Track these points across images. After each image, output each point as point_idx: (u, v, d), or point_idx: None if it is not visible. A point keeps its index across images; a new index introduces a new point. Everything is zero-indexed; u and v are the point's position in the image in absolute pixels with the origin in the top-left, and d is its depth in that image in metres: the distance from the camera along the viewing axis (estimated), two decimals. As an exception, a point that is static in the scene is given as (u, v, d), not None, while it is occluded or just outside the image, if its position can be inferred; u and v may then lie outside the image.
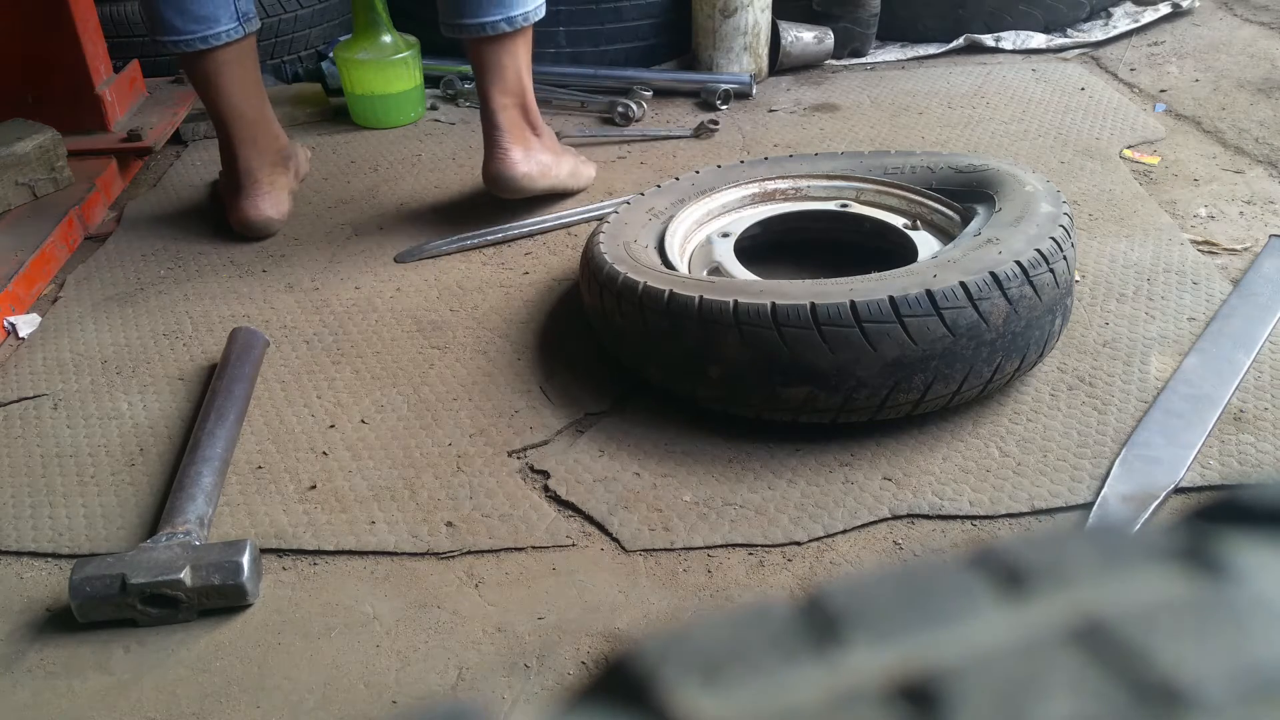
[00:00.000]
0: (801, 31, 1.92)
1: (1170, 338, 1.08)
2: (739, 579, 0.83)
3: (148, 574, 0.79)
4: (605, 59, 1.90)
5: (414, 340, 1.16)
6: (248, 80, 1.37)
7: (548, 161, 1.41)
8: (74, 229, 1.44)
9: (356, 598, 0.83)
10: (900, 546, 0.85)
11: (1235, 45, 1.93)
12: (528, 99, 1.38)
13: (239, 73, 1.34)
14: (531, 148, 1.39)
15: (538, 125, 1.42)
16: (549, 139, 1.45)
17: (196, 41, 1.30)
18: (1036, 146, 1.56)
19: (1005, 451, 0.94)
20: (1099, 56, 1.94)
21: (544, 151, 1.41)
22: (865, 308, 0.87)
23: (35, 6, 1.53)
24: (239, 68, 1.34)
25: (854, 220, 1.19)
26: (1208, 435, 0.93)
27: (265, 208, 1.40)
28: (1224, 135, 1.56)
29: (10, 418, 1.08)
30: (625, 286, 0.98)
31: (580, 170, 1.49)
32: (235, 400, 1.03)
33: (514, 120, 1.36)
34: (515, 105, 1.36)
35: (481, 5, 1.29)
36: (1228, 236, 1.28)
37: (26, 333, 1.23)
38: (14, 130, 1.47)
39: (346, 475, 0.96)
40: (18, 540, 0.91)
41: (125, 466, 0.99)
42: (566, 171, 1.45)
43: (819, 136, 1.66)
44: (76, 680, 0.77)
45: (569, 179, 1.46)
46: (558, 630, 0.79)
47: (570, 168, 1.46)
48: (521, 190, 1.38)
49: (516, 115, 1.37)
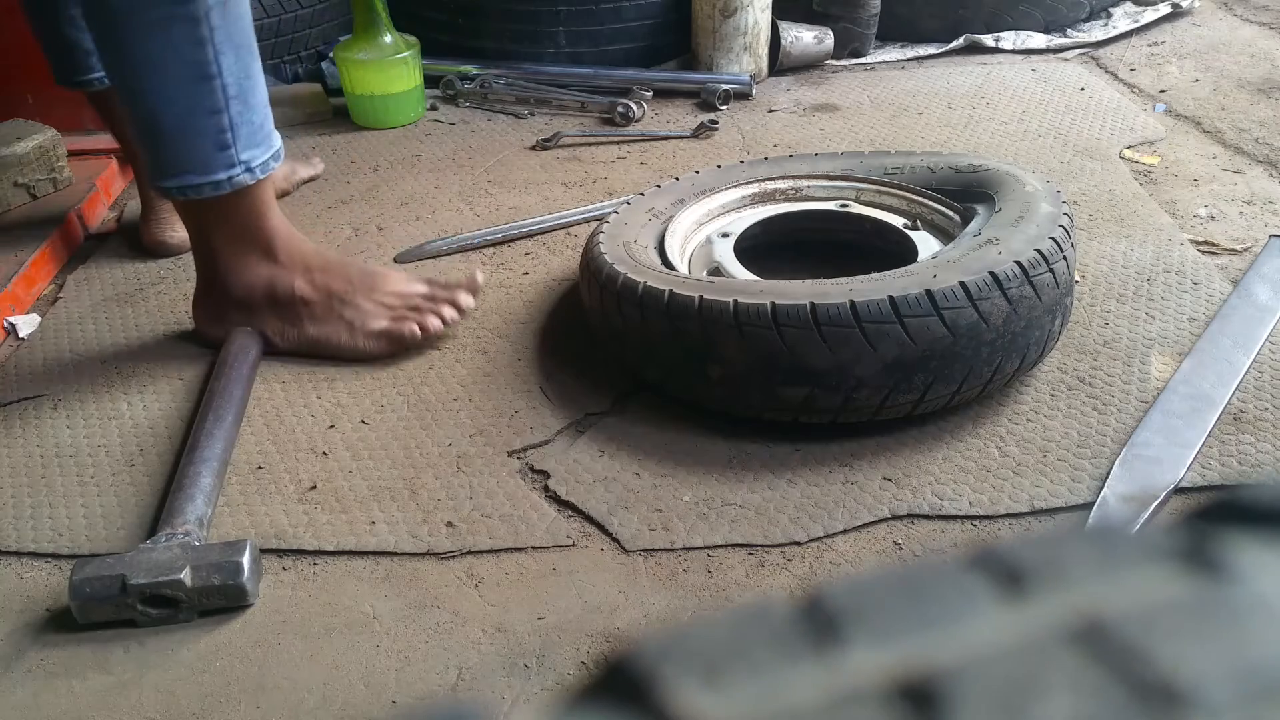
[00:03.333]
0: (801, 31, 1.92)
1: (1170, 338, 1.08)
2: (739, 579, 0.83)
3: (148, 574, 0.79)
4: (605, 59, 1.90)
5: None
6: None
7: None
8: (74, 229, 1.44)
9: (356, 598, 0.83)
10: (900, 546, 0.85)
11: (1235, 45, 1.93)
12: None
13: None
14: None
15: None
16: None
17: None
18: (1036, 146, 1.56)
19: (1005, 451, 0.94)
20: (1099, 56, 1.94)
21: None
22: (865, 308, 0.87)
23: (35, 6, 1.53)
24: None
25: (854, 220, 1.19)
26: (1208, 435, 0.93)
27: (156, 232, 1.36)
28: (1224, 135, 1.56)
29: (10, 418, 1.08)
30: (625, 287, 0.98)
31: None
32: (234, 401, 1.03)
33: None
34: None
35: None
36: (1228, 236, 1.28)
37: (26, 333, 1.23)
38: (14, 130, 1.47)
39: (346, 475, 0.96)
40: (18, 540, 0.91)
41: (125, 466, 0.99)
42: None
43: (819, 136, 1.66)
44: (76, 680, 0.77)
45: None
46: (558, 630, 0.79)
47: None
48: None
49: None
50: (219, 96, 0.98)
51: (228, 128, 0.99)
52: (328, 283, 1.10)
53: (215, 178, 1.01)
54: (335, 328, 1.10)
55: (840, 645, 0.17)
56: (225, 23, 0.96)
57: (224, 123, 0.99)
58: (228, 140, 1.00)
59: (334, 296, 1.10)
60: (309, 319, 1.11)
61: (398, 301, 1.11)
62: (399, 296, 1.12)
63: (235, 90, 0.99)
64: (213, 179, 1.01)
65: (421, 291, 1.13)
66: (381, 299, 1.11)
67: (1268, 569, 0.18)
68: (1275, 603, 0.17)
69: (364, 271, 1.13)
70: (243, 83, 0.99)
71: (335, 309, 1.10)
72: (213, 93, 0.97)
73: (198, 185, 1.01)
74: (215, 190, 1.01)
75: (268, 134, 1.04)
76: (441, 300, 1.12)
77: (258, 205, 1.06)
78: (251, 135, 1.02)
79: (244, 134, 1.01)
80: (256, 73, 1.01)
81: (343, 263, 1.13)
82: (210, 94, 0.97)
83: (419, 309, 1.11)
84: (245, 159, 1.02)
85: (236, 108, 0.99)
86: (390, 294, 1.12)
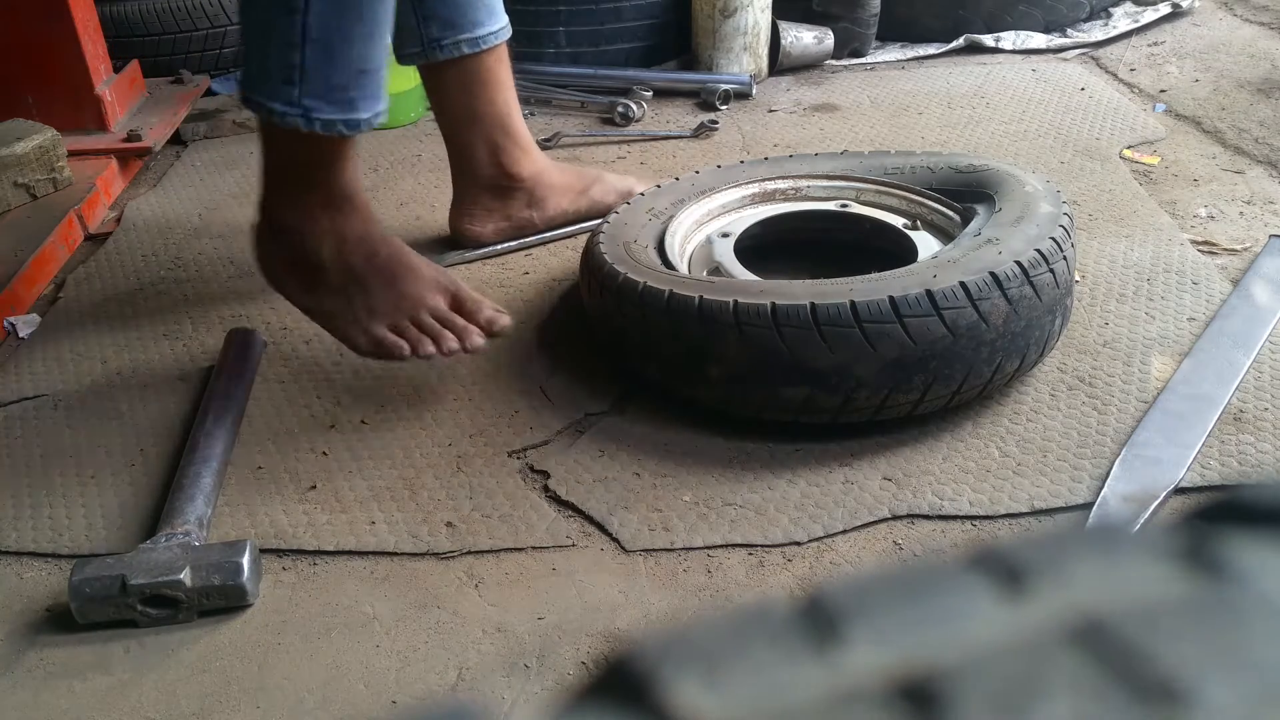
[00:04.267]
0: (801, 32, 1.92)
1: (1170, 338, 1.08)
2: (739, 579, 0.83)
3: (148, 575, 0.79)
4: (605, 59, 1.90)
5: (414, 340, 1.16)
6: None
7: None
8: (74, 229, 1.44)
9: (356, 598, 0.83)
10: (900, 546, 0.85)
11: (1235, 45, 1.93)
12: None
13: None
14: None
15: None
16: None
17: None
18: (1036, 146, 1.56)
19: (1005, 451, 0.94)
20: (1099, 56, 1.94)
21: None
22: (865, 308, 0.87)
23: (35, 6, 1.53)
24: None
25: (854, 220, 1.19)
26: (1208, 435, 0.93)
27: (461, 222, 1.36)
28: (1224, 135, 1.56)
29: (10, 418, 1.08)
30: (625, 286, 0.98)
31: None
32: (234, 401, 1.03)
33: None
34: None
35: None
36: (1228, 236, 1.28)
37: (26, 333, 1.23)
38: (14, 130, 1.47)
39: (346, 475, 0.96)
40: (18, 540, 0.91)
41: (125, 467, 0.99)
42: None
43: (819, 136, 1.66)
44: (76, 680, 0.77)
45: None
46: (558, 630, 0.79)
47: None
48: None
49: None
50: (295, 33, 0.92)
51: (297, 66, 0.93)
52: (352, 260, 1.02)
53: (274, 104, 0.95)
54: (340, 310, 1.03)
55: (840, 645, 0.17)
56: None
57: (294, 59, 0.93)
58: (294, 78, 0.94)
59: (352, 277, 1.02)
60: (324, 290, 1.03)
61: (409, 307, 1.02)
62: (413, 302, 1.02)
63: (318, 34, 0.92)
64: (271, 104, 0.95)
65: (438, 306, 1.03)
66: (395, 296, 1.02)
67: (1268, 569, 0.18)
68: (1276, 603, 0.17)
69: (393, 259, 1.03)
70: (330, 34, 0.92)
71: (348, 291, 1.02)
72: (291, 27, 0.92)
73: (259, 103, 0.96)
74: (269, 117, 0.96)
75: (349, 99, 0.96)
76: (452, 327, 1.02)
77: (317, 157, 1.00)
78: (324, 89, 0.95)
79: (315, 83, 0.94)
80: (358, 37, 0.94)
81: (381, 243, 1.04)
82: (289, 27, 0.92)
83: (424, 326, 1.02)
84: (307, 105, 0.95)
85: (315, 55, 0.93)
86: (407, 295, 1.02)
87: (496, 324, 1.03)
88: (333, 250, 1.02)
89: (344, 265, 1.02)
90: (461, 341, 1.01)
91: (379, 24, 0.95)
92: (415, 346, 1.01)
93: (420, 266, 1.05)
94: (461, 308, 1.04)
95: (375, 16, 0.95)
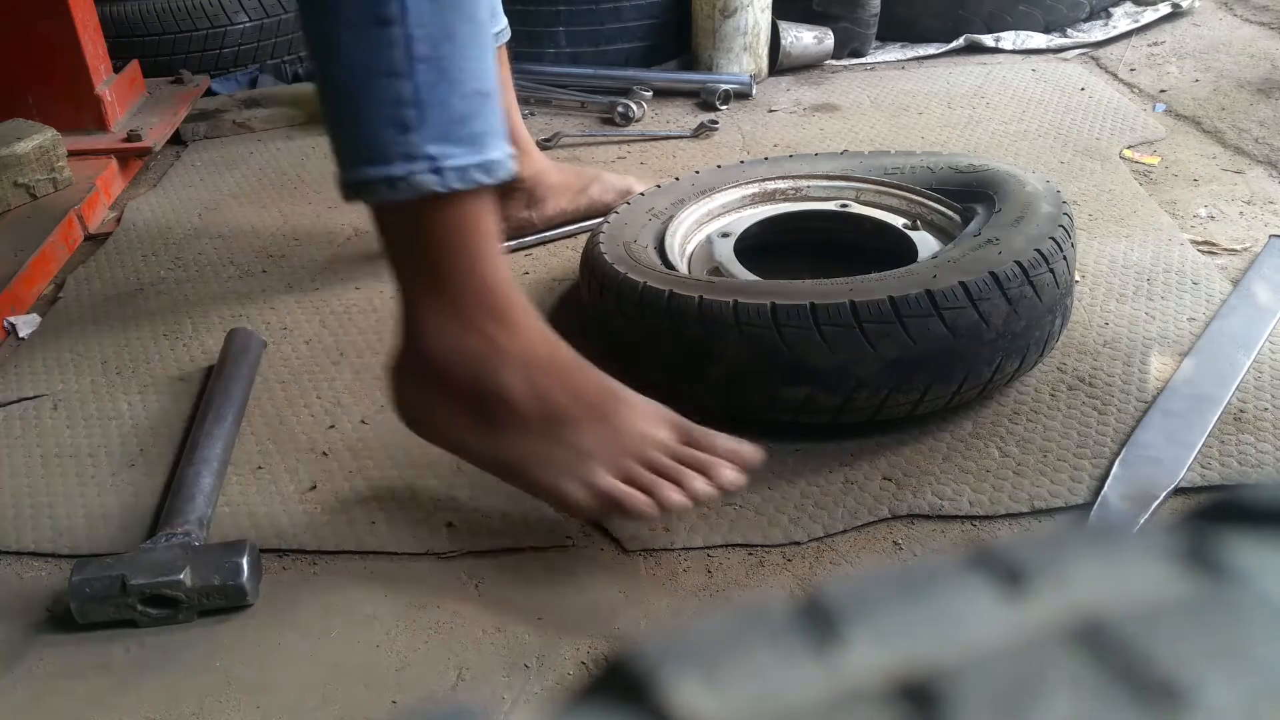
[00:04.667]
0: (801, 32, 1.92)
1: (1170, 338, 1.08)
2: (739, 579, 0.83)
3: (148, 574, 0.79)
4: (605, 59, 1.90)
5: (414, 340, 1.16)
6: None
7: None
8: (74, 229, 1.44)
9: (356, 598, 0.83)
10: (900, 546, 0.85)
11: (1235, 45, 1.93)
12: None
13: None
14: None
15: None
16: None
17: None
18: (1036, 146, 1.56)
19: (1005, 451, 0.94)
20: (1099, 56, 1.94)
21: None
22: (865, 308, 0.87)
23: (35, 6, 1.53)
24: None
25: (854, 220, 1.19)
26: (1208, 435, 0.93)
27: (510, 211, 1.32)
28: (1224, 135, 1.56)
29: (10, 418, 1.08)
30: (625, 286, 0.98)
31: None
32: (233, 401, 1.03)
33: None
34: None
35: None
36: (1228, 236, 1.28)
37: (26, 333, 1.23)
38: (14, 130, 1.47)
39: (346, 475, 0.96)
40: (18, 540, 0.91)
41: (125, 467, 0.99)
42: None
43: (819, 136, 1.66)
44: (76, 680, 0.77)
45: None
46: (558, 630, 0.79)
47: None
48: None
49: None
50: (399, 52, 0.70)
51: (410, 100, 0.71)
52: (549, 391, 0.79)
53: (391, 170, 0.73)
54: (541, 457, 0.80)
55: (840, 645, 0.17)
56: None
57: (405, 92, 0.71)
58: (409, 119, 0.72)
59: (553, 414, 0.79)
60: (511, 431, 0.80)
61: (636, 449, 0.80)
62: (639, 440, 0.81)
63: (426, 51, 0.71)
64: (388, 172, 0.73)
65: (669, 443, 0.82)
66: (612, 438, 0.80)
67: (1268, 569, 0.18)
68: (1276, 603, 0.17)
69: (602, 389, 0.82)
70: (439, 44, 0.71)
71: (550, 432, 0.79)
72: (390, 44, 0.70)
73: (371, 181, 0.74)
74: (391, 190, 0.73)
75: (477, 134, 0.75)
76: (694, 464, 0.81)
77: (458, 237, 0.77)
78: (447, 124, 0.73)
79: (435, 118, 0.72)
80: (466, 39, 0.72)
81: (578, 369, 0.82)
82: (387, 45, 0.70)
83: (661, 469, 0.80)
84: (433, 153, 0.73)
85: (425, 76, 0.71)
86: (629, 432, 0.81)
87: (742, 455, 0.81)
88: (521, 378, 0.79)
89: (538, 397, 0.79)
90: (710, 479, 0.80)
91: (483, 24, 0.75)
92: (655, 494, 0.78)
93: (633, 395, 0.84)
94: (692, 440, 0.83)
95: (478, 14, 0.74)
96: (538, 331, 0.81)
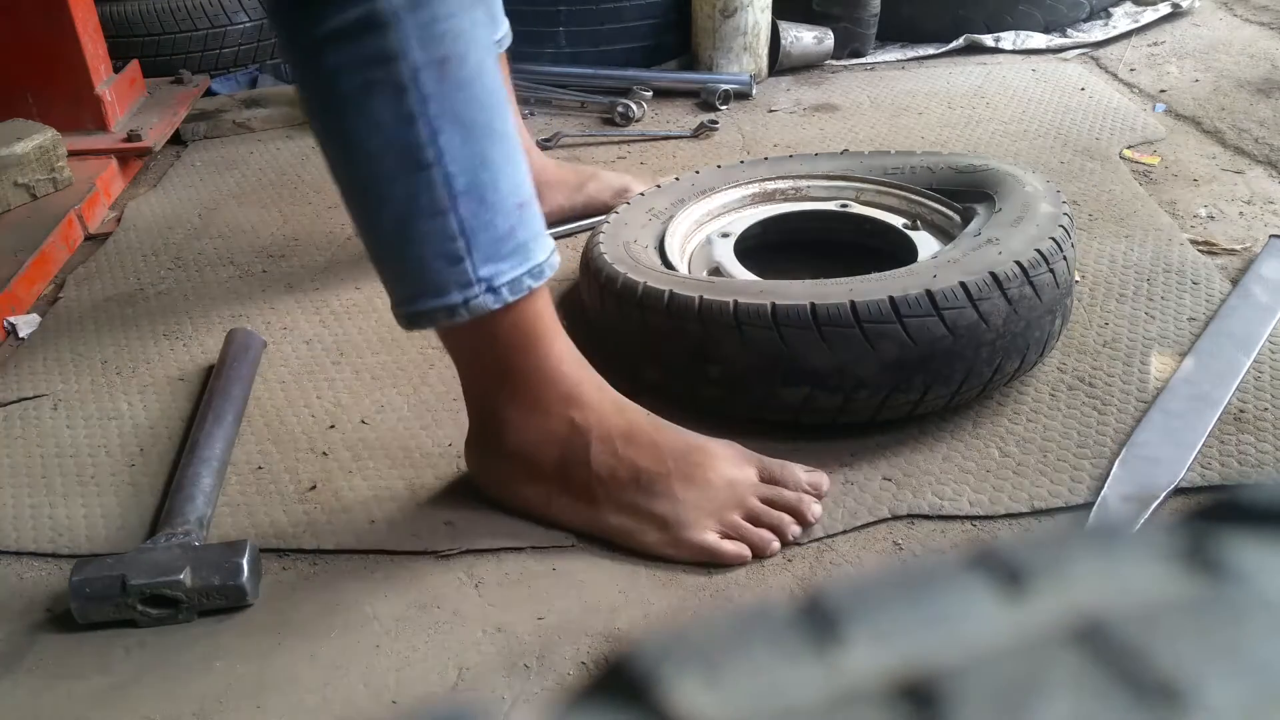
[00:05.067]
0: (801, 32, 1.92)
1: (1170, 338, 1.08)
2: (739, 579, 0.83)
3: (148, 575, 0.79)
4: (605, 59, 1.90)
5: (414, 340, 1.16)
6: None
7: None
8: (74, 229, 1.44)
9: (356, 598, 0.83)
10: (900, 546, 0.85)
11: (1235, 45, 1.93)
12: None
13: None
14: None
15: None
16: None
17: None
18: (1036, 146, 1.56)
19: (1005, 451, 0.94)
20: (1099, 56, 1.94)
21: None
22: (865, 308, 0.87)
23: (35, 6, 1.54)
24: None
25: (854, 220, 1.19)
26: (1208, 435, 0.93)
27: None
28: (1224, 135, 1.56)
29: (10, 418, 1.08)
30: (625, 287, 0.98)
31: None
32: (233, 401, 1.03)
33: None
34: None
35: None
36: (1227, 236, 1.28)
37: (26, 333, 1.23)
38: (13, 130, 1.47)
39: (346, 475, 0.96)
40: (18, 540, 0.91)
41: (125, 467, 0.99)
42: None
43: (819, 136, 1.66)
44: (76, 680, 0.77)
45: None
46: (558, 630, 0.79)
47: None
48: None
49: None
50: (440, 192, 0.74)
51: (457, 234, 0.75)
52: (635, 458, 0.83)
53: (449, 300, 0.77)
54: (642, 522, 0.84)
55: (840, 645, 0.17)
56: (444, 90, 0.72)
57: (451, 227, 0.75)
58: (459, 250, 0.76)
59: (642, 479, 0.83)
60: (606, 501, 0.84)
61: (728, 500, 0.84)
62: (735, 492, 0.84)
63: (465, 184, 0.74)
64: (446, 302, 0.77)
65: (756, 485, 0.85)
66: (706, 492, 0.83)
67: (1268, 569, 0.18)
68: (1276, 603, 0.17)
69: (682, 446, 0.85)
70: (477, 174, 0.75)
71: (643, 497, 0.83)
72: (431, 186, 0.74)
73: (430, 311, 0.78)
74: (451, 317, 0.78)
75: (522, 244, 0.78)
76: (783, 505, 0.85)
77: (521, 337, 0.81)
78: (494, 244, 0.77)
79: (483, 242, 0.76)
80: (500, 160, 0.76)
81: (655, 430, 0.85)
82: (428, 187, 0.74)
83: (754, 515, 0.84)
84: (486, 275, 0.77)
85: (468, 207, 0.75)
86: (718, 485, 0.84)
87: (820, 486, 0.85)
88: (605, 452, 0.83)
89: (625, 467, 0.83)
90: (800, 520, 0.85)
91: (512, 139, 0.78)
92: (759, 549, 0.83)
93: (712, 443, 0.86)
94: (771, 476, 0.86)
95: (509, 131, 0.77)
96: (611, 403, 0.85)
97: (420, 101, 0.72)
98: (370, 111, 0.73)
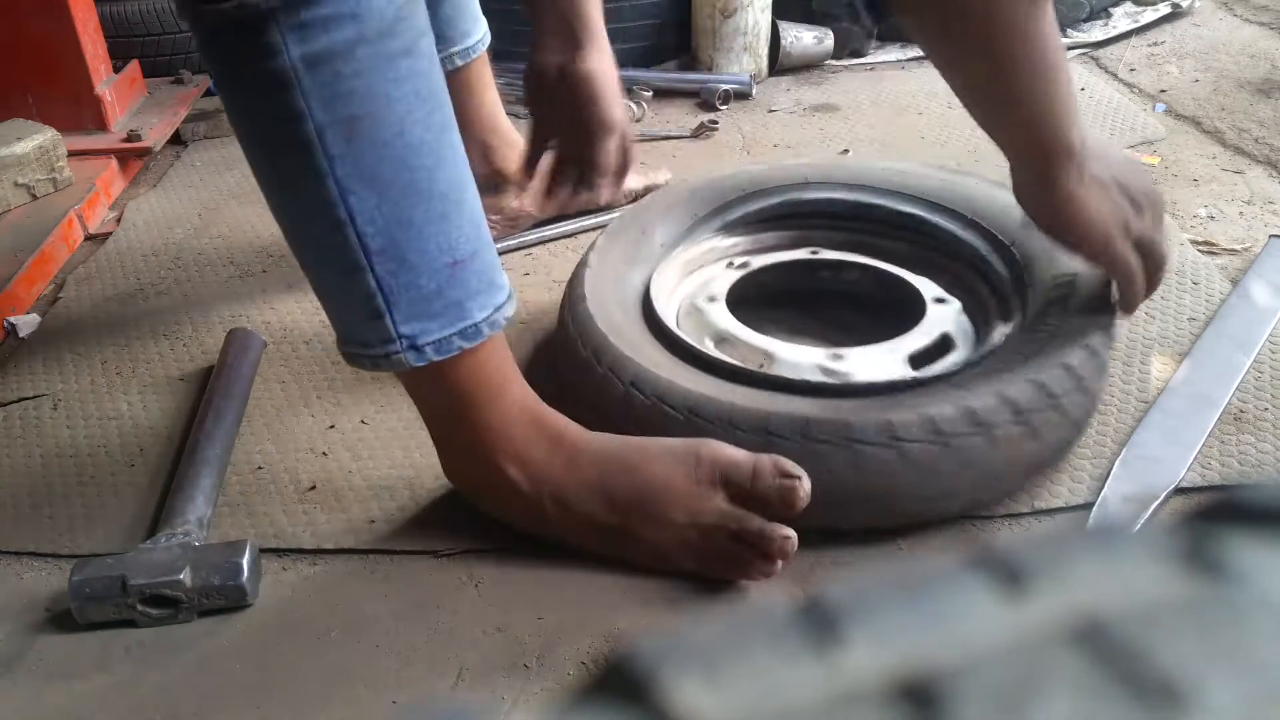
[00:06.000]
0: (801, 32, 1.92)
1: (1170, 338, 1.08)
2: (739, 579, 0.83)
3: (147, 575, 0.79)
4: (605, 59, 1.90)
5: (414, 340, 1.15)
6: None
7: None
8: (74, 229, 1.44)
9: (356, 598, 0.83)
10: (900, 547, 0.85)
11: (1235, 45, 1.93)
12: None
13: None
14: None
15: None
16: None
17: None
18: (1036, 146, 1.56)
19: (1005, 451, 0.94)
20: (1099, 56, 1.94)
21: None
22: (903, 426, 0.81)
23: (35, 6, 1.53)
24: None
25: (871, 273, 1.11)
26: (1208, 435, 0.93)
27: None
28: (1224, 135, 1.56)
29: (10, 418, 1.08)
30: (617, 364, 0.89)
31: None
32: (233, 401, 1.03)
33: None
34: None
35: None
36: (1227, 236, 1.28)
37: (26, 333, 1.23)
38: (13, 130, 1.47)
39: (346, 475, 0.96)
40: (18, 540, 0.91)
41: (125, 467, 0.99)
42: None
43: (819, 137, 1.66)
44: (76, 680, 0.77)
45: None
46: (558, 630, 0.79)
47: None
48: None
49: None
50: (355, 251, 0.72)
51: (375, 291, 0.74)
52: (591, 513, 0.82)
53: (370, 352, 0.77)
54: (640, 545, 0.82)
55: (840, 645, 0.17)
56: (354, 150, 0.69)
57: (369, 284, 0.74)
58: (378, 307, 0.74)
59: (603, 530, 0.82)
60: (579, 540, 0.84)
61: (695, 538, 0.80)
62: (694, 528, 0.80)
63: (381, 244, 0.72)
64: (368, 353, 0.78)
65: (724, 514, 0.80)
66: (671, 532, 0.81)
67: (1268, 569, 0.18)
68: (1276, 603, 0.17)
69: (638, 491, 0.81)
70: (393, 234, 0.72)
71: (609, 545, 0.83)
72: (345, 243, 0.72)
73: (356, 357, 0.79)
74: (376, 368, 0.78)
75: (454, 303, 0.76)
76: (752, 539, 0.79)
77: (459, 395, 0.80)
78: (418, 304, 0.75)
79: (403, 301, 0.74)
80: (424, 220, 0.73)
81: (602, 477, 0.82)
82: (344, 244, 0.72)
83: (726, 553, 0.80)
84: (408, 333, 0.75)
85: (385, 266, 0.73)
86: (681, 524, 0.80)
87: (801, 489, 0.78)
88: (559, 512, 0.82)
89: (588, 523, 0.82)
90: (768, 556, 0.79)
91: (448, 197, 0.74)
92: (765, 570, 0.80)
93: (674, 476, 0.81)
94: (742, 490, 0.80)
95: (437, 189, 0.74)
96: (563, 461, 0.82)
97: (326, 160, 0.69)
98: (281, 164, 0.73)
